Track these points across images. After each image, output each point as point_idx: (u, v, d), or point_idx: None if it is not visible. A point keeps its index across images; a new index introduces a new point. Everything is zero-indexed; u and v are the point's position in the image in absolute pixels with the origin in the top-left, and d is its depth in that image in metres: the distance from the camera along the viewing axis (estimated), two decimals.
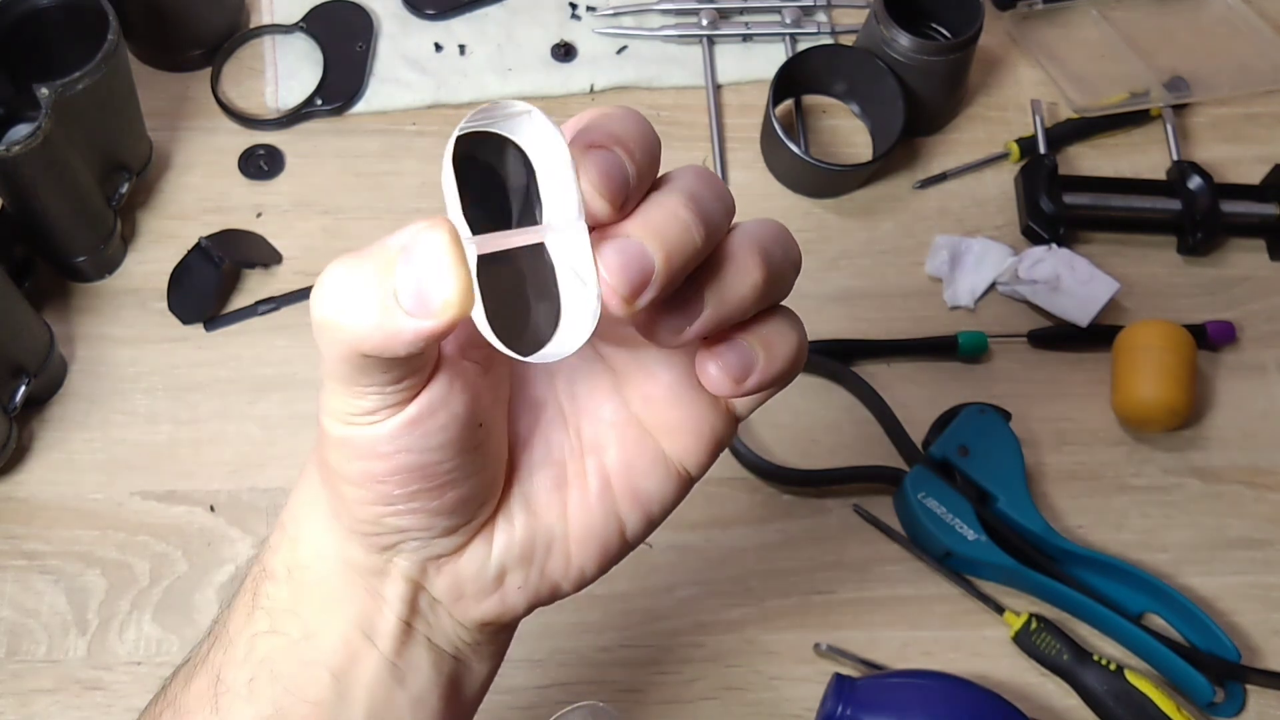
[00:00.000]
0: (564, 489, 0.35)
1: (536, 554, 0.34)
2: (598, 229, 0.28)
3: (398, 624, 0.34)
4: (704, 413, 0.34)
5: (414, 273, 0.25)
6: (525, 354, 0.27)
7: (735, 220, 0.32)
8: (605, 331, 0.34)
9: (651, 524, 0.36)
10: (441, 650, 0.35)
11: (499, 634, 0.37)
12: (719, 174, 0.79)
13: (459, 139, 0.27)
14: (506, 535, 0.34)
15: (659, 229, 0.28)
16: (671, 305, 0.30)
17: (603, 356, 0.35)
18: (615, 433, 0.35)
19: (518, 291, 0.28)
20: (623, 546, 0.36)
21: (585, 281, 0.28)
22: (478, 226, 0.27)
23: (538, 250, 0.28)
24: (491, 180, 0.28)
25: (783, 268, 0.32)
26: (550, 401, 0.35)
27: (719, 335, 0.31)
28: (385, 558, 0.33)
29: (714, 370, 0.31)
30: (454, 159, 0.27)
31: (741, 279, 0.30)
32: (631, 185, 0.28)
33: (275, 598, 0.34)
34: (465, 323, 0.31)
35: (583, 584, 0.36)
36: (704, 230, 0.29)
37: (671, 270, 0.28)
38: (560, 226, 0.28)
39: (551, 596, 0.35)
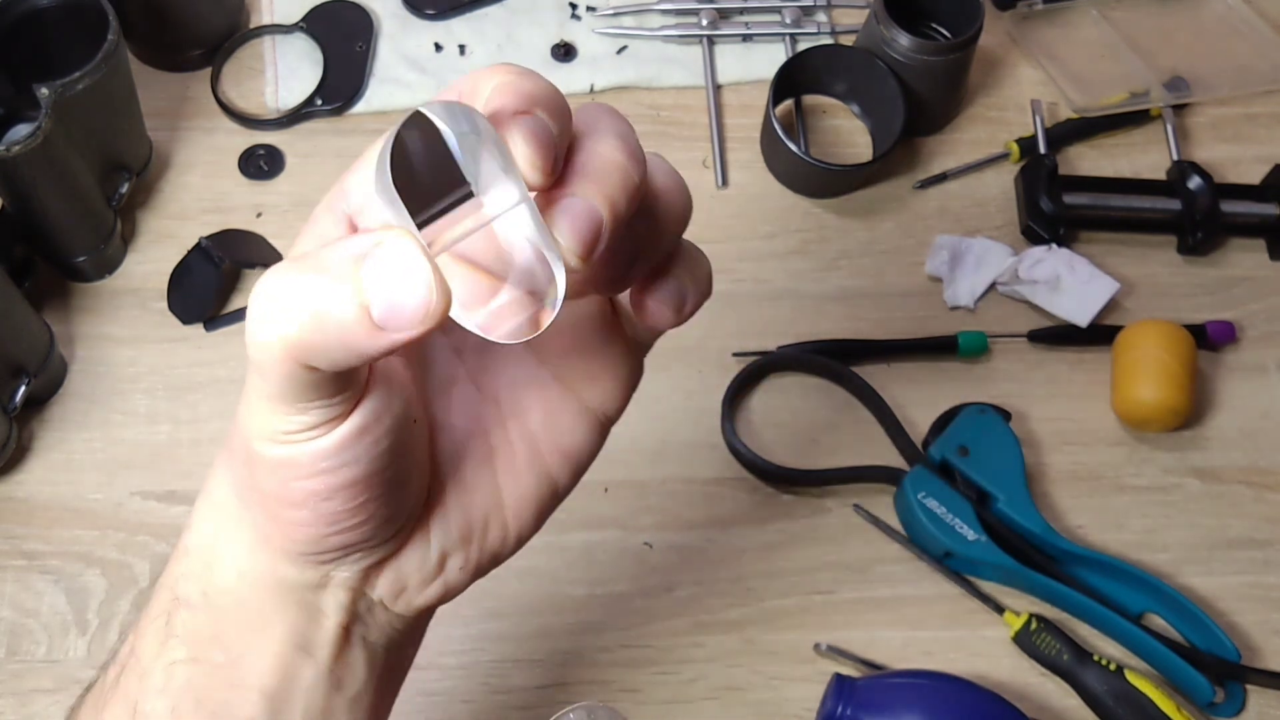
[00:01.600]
0: (492, 461, 0.34)
1: (474, 532, 0.34)
2: (539, 194, 0.28)
3: (336, 632, 0.33)
4: (615, 355, 0.35)
5: (385, 284, 0.25)
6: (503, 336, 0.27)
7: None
8: None
9: (580, 474, 0.36)
10: (375, 646, 0.35)
11: (430, 614, 0.37)
12: (719, 174, 0.79)
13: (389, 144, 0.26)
14: (443, 521, 0.34)
15: (600, 181, 0.28)
16: (610, 251, 0.29)
17: None
18: (534, 392, 0.35)
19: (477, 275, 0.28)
20: (556, 501, 0.36)
21: (544, 250, 0.27)
22: (423, 215, 0.26)
23: (488, 231, 0.27)
24: (422, 173, 0.27)
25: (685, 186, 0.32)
26: (460, 377, 0.35)
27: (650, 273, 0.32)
28: (323, 572, 0.32)
29: (654, 305, 0.31)
30: (396, 155, 0.26)
31: (670, 211, 0.31)
32: (559, 146, 0.28)
33: (192, 625, 0.33)
34: None
35: (522, 545, 0.36)
36: (640, 169, 0.29)
37: (618, 219, 0.28)
38: (507, 203, 0.27)
39: (493, 565, 0.35)
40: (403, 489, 0.31)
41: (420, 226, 0.26)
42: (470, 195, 0.27)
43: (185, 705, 0.33)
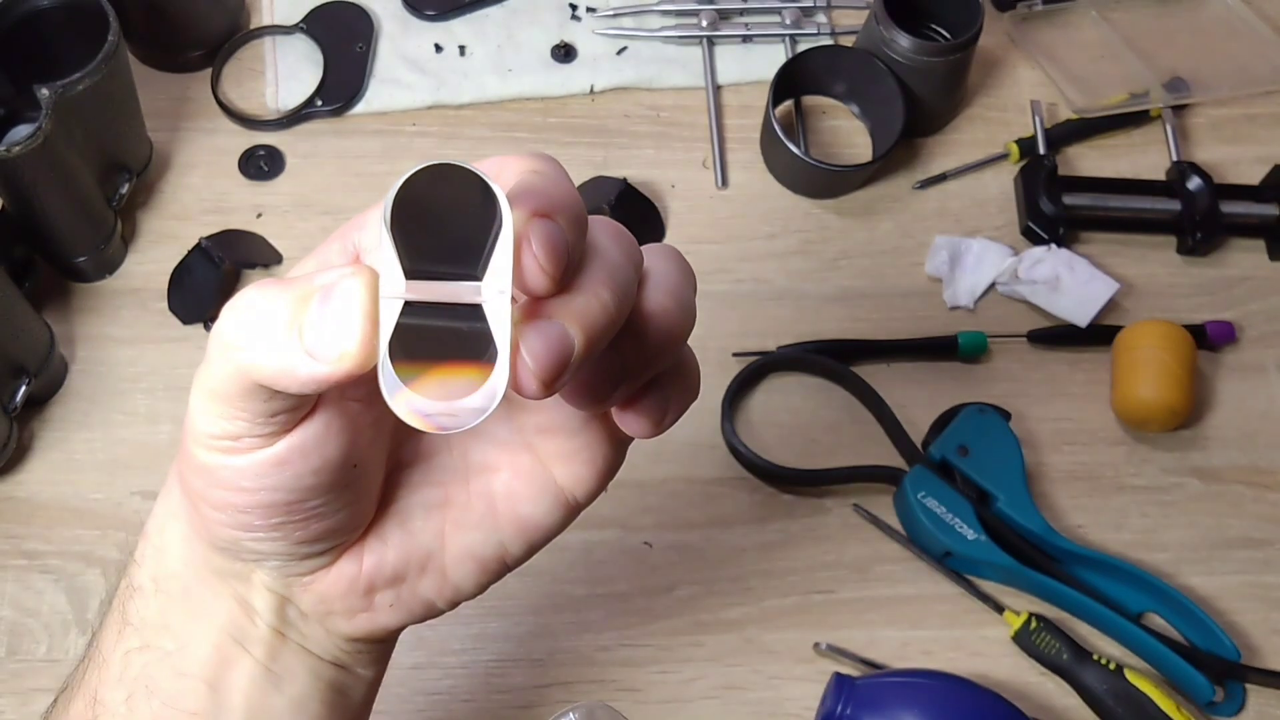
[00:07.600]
0: (444, 510, 0.34)
1: (409, 574, 0.34)
2: (527, 303, 0.27)
3: (269, 632, 0.33)
4: (599, 443, 0.33)
5: (323, 315, 0.25)
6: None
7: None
8: None
9: (533, 550, 0.35)
10: (318, 657, 0.34)
11: (377, 644, 0.36)
12: (719, 175, 0.79)
13: (412, 177, 0.26)
14: (378, 555, 0.33)
15: (582, 312, 0.27)
16: (594, 373, 0.29)
17: None
18: (506, 457, 0.34)
19: (438, 345, 0.26)
20: (502, 569, 0.35)
21: (499, 354, 0.26)
22: (417, 268, 0.25)
23: (474, 309, 0.26)
24: (451, 220, 0.26)
25: (693, 304, 0.31)
26: None
27: None
28: (247, 567, 0.33)
29: (633, 420, 0.31)
30: (408, 197, 0.25)
31: (665, 338, 0.30)
32: (571, 258, 0.27)
33: (144, 613, 0.34)
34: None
35: (458, 602, 0.35)
36: (621, 307, 0.28)
37: (591, 353, 0.27)
38: (489, 291, 0.26)
39: (426, 614, 0.35)
40: (329, 520, 0.31)
41: (410, 276, 0.25)
42: (475, 275, 0.26)
43: (139, 694, 0.33)
